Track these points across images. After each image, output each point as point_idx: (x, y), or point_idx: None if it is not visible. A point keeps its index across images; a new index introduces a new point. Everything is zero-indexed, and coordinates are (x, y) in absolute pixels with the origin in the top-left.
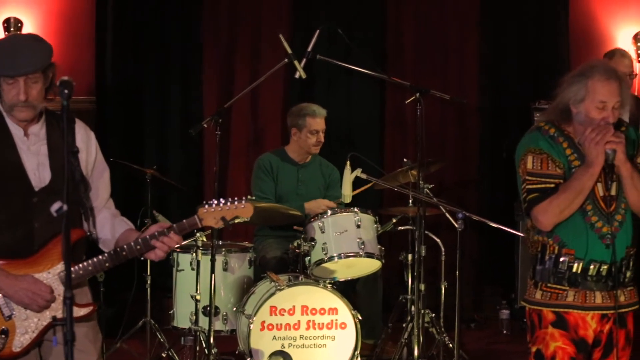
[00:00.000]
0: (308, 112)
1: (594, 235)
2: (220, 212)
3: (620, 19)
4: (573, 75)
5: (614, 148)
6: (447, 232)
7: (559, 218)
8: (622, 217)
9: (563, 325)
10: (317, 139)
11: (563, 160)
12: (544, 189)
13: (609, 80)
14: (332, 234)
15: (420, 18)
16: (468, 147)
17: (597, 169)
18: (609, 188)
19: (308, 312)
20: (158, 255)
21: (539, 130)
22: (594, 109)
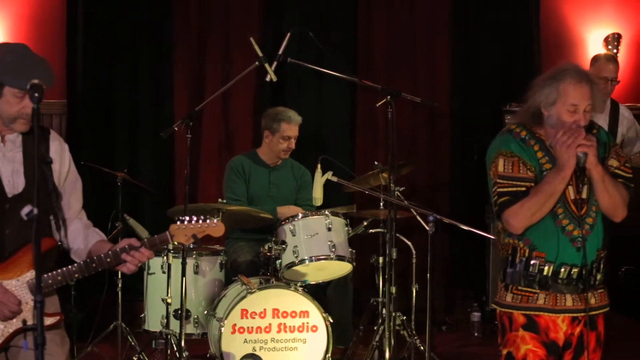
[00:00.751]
0: (284, 118)
1: (564, 239)
2: (192, 230)
3: (590, 21)
4: (544, 78)
5: (585, 151)
6: (418, 234)
7: (530, 221)
8: (593, 220)
9: (534, 328)
10: (288, 145)
11: (534, 163)
12: (515, 192)
13: (581, 83)
14: (303, 237)
15: (391, 21)
16: (439, 149)
17: (569, 172)
18: (580, 191)
19: (279, 315)
20: (129, 268)
21: (510, 133)
22: (565, 112)
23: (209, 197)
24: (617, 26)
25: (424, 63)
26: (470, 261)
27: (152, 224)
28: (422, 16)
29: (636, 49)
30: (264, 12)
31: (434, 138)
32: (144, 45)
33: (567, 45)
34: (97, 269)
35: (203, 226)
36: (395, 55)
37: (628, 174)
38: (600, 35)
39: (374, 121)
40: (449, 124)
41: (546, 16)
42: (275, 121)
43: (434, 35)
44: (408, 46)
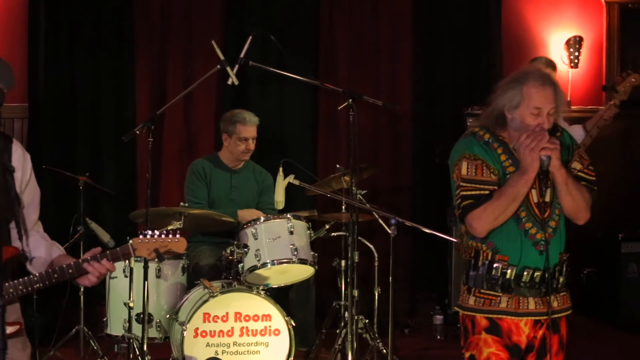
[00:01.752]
0: (239, 119)
1: (527, 242)
2: (154, 244)
3: (552, 24)
4: (508, 82)
5: (549, 155)
6: (380, 238)
7: (493, 225)
8: (556, 223)
9: (496, 331)
10: (247, 147)
11: (497, 167)
12: (479, 196)
13: (544, 86)
14: (265, 240)
15: (353, 24)
16: (401, 152)
17: (532, 175)
18: (543, 194)
19: (241, 319)
20: (91, 280)
21: (474, 136)
22: (529, 115)
23: (171, 201)
24: (579, 29)
25: (385, 66)
26: (433, 264)
27: (114, 228)
28: (384, 19)
29: (597, 52)
30: (225, 16)
31: (395, 141)
32: (106, 49)
33: (529, 48)
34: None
35: (165, 241)
36: (357, 58)
37: (591, 176)
38: (561, 38)
39: (336, 124)
40: (410, 127)
41: (508, 19)
42: (231, 123)
43: (395, 39)
44: (370, 49)
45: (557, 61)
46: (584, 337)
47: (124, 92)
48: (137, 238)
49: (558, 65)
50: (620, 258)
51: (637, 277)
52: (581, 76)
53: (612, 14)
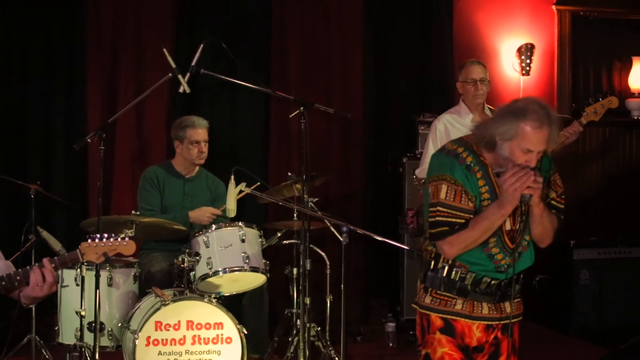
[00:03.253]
0: (188, 124)
1: (490, 265)
2: (103, 248)
3: (504, 32)
4: (506, 112)
5: (531, 193)
6: (332, 245)
7: (463, 251)
8: (524, 248)
9: (450, 331)
10: (199, 150)
11: (475, 193)
12: (454, 223)
13: (541, 128)
14: (217, 248)
15: (304, 32)
16: (353, 160)
17: (510, 210)
18: (517, 223)
19: (193, 327)
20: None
21: (457, 158)
22: (518, 151)
23: (123, 209)
24: (531, 36)
25: (337, 73)
26: (385, 271)
27: (66, 237)
28: (335, 27)
29: (549, 60)
30: (177, 24)
31: (347, 149)
32: (56, 57)
33: (481, 56)
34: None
35: (114, 244)
36: (308, 66)
37: (561, 204)
38: (513, 46)
39: (288, 132)
40: (362, 135)
41: (459, 26)
42: (181, 129)
43: (347, 46)
44: (321, 57)
45: (509, 69)
46: (537, 344)
47: (75, 99)
48: (85, 242)
49: (510, 73)
50: (573, 265)
51: (589, 284)
52: (533, 84)
53: (563, 21)
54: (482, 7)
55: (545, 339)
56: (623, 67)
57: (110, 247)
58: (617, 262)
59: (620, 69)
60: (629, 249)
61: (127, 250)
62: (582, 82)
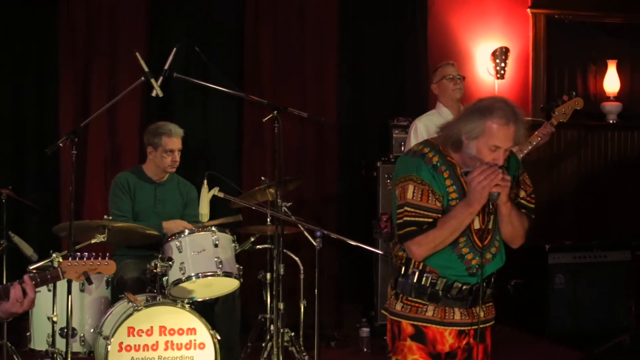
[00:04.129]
0: (164, 131)
1: (461, 266)
2: (83, 267)
3: (478, 35)
4: (472, 110)
5: (499, 191)
6: (306, 250)
7: (432, 252)
8: (497, 249)
9: (421, 339)
10: (173, 159)
11: (442, 192)
12: (422, 223)
13: (508, 125)
14: (190, 253)
15: (278, 36)
16: (327, 164)
17: (478, 208)
18: (485, 221)
19: (166, 333)
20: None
21: (423, 158)
22: (485, 149)
23: (95, 214)
24: (505, 40)
25: (311, 77)
26: (359, 276)
27: (38, 242)
28: (310, 31)
29: (524, 63)
30: (150, 28)
31: (321, 153)
32: (28, 60)
33: (455, 59)
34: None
35: (95, 264)
36: (282, 70)
37: (531, 204)
38: (487, 49)
39: (261, 136)
40: (336, 139)
41: (433, 29)
42: (156, 136)
43: (321, 50)
44: (295, 60)
45: (483, 72)
46: (512, 348)
47: (47, 104)
48: (66, 261)
49: (484, 77)
50: (548, 269)
51: (564, 288)
52: (507, 87)
53: (538, 24)
54: (457, 10)
55: (520, 343)
56: (598, 70)
57: (91, 266)
58: (592, 266)
59: (595, 73)
60: (604, 253)
61: (107, 270)
62: (557, 85)
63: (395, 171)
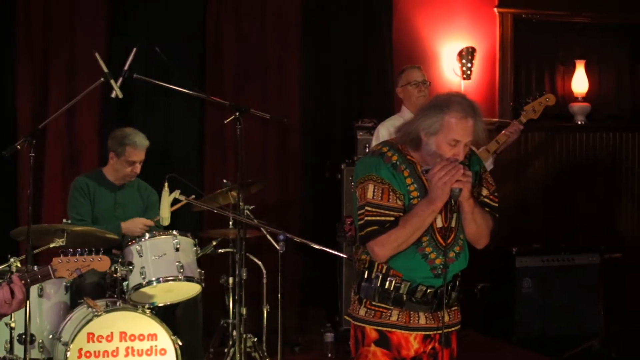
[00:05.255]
0: (129, 142)
1: (425, 266)
2: (76, 264)
3: (444, 35)
4: (430, 106)
5: (460, 187)
6: (269, 254)
7: (395, 252)
8: (461, 247)
9: (386, 344)
10: (132, 170)
11: (403, 191)
12: (383, 222)
13: (466, 118)
14: (151, 257)
15: (241, 37)
16: (290, 167)
17: (440, 206)
18: (448, 219)
19: (127, 339)
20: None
21: (382, 157)
22: (445, 145)
23: (54, 217)
24: (472, 40)
25: (274, 78)
26: (322, 280)
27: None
28: (272, 31)
29: (490, 63)
30: (110, 27)
31: (284, 155)
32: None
33: (421, 60)
34: None
35: (87, 260)
36: (245, 71)
37: (495, 203)
38: (454, 49)
39: (223, 138)
40: (300, 141)
41: (399, 30)
42: (121, 145)
43: (284, 50)
44: (258, 61)
45: (449, 73)
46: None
47: (4, 105)
48: (57, 258)
49: (450, 78)
50: (515, 273)
51: (532, 292)
52: (474, 88)
53: (505, 24)
54: (422, 10)
55: (488, 348)
56: (566, 70)
57: (84, 263)
58: (560, 270)
59: (563, 73)
60: (573, 257)
61: (101, 266)
62: (524, 86)
63: (355, 173)
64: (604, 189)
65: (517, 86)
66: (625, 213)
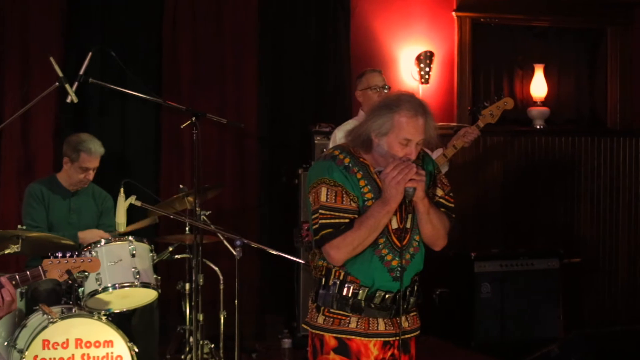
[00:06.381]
0: (84, 149)
1: (382, 268)
2: (66, 265)
3: (402, 39)
4: (380, 106)
5: (414, 186)
6: (226, 259)
7: (351, 254)
8: (415, 249)
9: (345, 351)
10: (86, 176)
11: (357, 193)
12: (338, 224)
13: (416, 117)
14: (106, 263)
15: (197, 41)
16: (247, 172)
17: (394, 206)
18: (404, 220)
19: (82, 345)
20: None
21: (333, 160)
22: (397, 144)
23: (9, 223)
24: (430, 44)
25: (231, 83)
26: (280, 286)
27: None
28: (229, 36)
29: (449, 67)
30: (65, 32)
31: (241, 160)
32: None
33: (379, 65)
34: None
35: (78, 262)
36: (201, 75)
37: (451, 203)
38: (412, 54)
39: (180, 143)
40: (257, 146)
41: (356, 34)
42: (75, 151)
43: (241, 55)
44: (215, 65)
45: (408, 77)
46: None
47: None
48: (47, 260)
49: (408, 82)
50: (474, 278)
51: (491, 298)
52: (432, 92)
53: (463, 28)
54: (380, 14)
55: (446, 353)
56: (525, 74)
57: (75, 264)
58: (519, 275)
59: (522, 77)
60: (532, 261)
61: (92, 267)
62: (482, 90)
63: (308, 178)
64: (562, 193)
65: (475, 90)
66: (585, 217)
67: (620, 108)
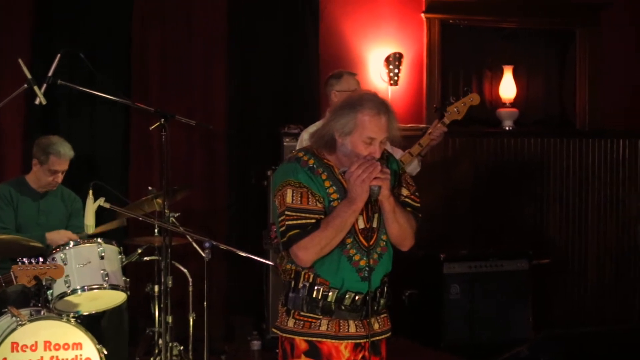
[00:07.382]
0: (53, 152)
1: (351, 269)
2: (34, 272)
3: (371, 41)
4: (342, 106)
5: (379, 185)
6: (195, 261)
7: (319, 255)
8: (383, 249)
9: (316, 354)
10: (54, 179)
11: (322, 194)
12: (305, 225)
13: (379, 115)
14: (75, 265)
15: (166, 43)
16: (216, 173)
17: (360, 205)
18: (370, 220)
19: (51, 348)
20: None
21: (298, 162)
22: (361, 144)
23: None
24: (399, 45)
25: (200, 84)
26: (249, 288)
27: None
28: (198, 38)
29: (418, 69)
30: (34, 33)
31: (210, 162)
32: None
33: (348, 66)
34: None
35: (44, 268)
36: (170, 77)
37: (417, 203)
38: (381, 55)
39: (148, 144)
40: (226, 147)
41: (325, 35)
42: (45, 154)
43: (210, 57)
44: (184, 67)
45: (377, 79)
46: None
47: None
48: (16, 265)
49: (377, 84)
50: (443, 279)
51: (460, 299)
52: (401, 94)
53: (432, 30)
54: (349, 16)
55: (416, 354)
56: (494, 76)
57: (42, 270)
58: (489, 276)
59: (491, 78)
60: (501, 262)
61: (56, 274)
62: (451, 91)
63: (273, 182)
64: (532, 194)
65: (444, 92)
66: (554, 218)
67: (590, 109)
